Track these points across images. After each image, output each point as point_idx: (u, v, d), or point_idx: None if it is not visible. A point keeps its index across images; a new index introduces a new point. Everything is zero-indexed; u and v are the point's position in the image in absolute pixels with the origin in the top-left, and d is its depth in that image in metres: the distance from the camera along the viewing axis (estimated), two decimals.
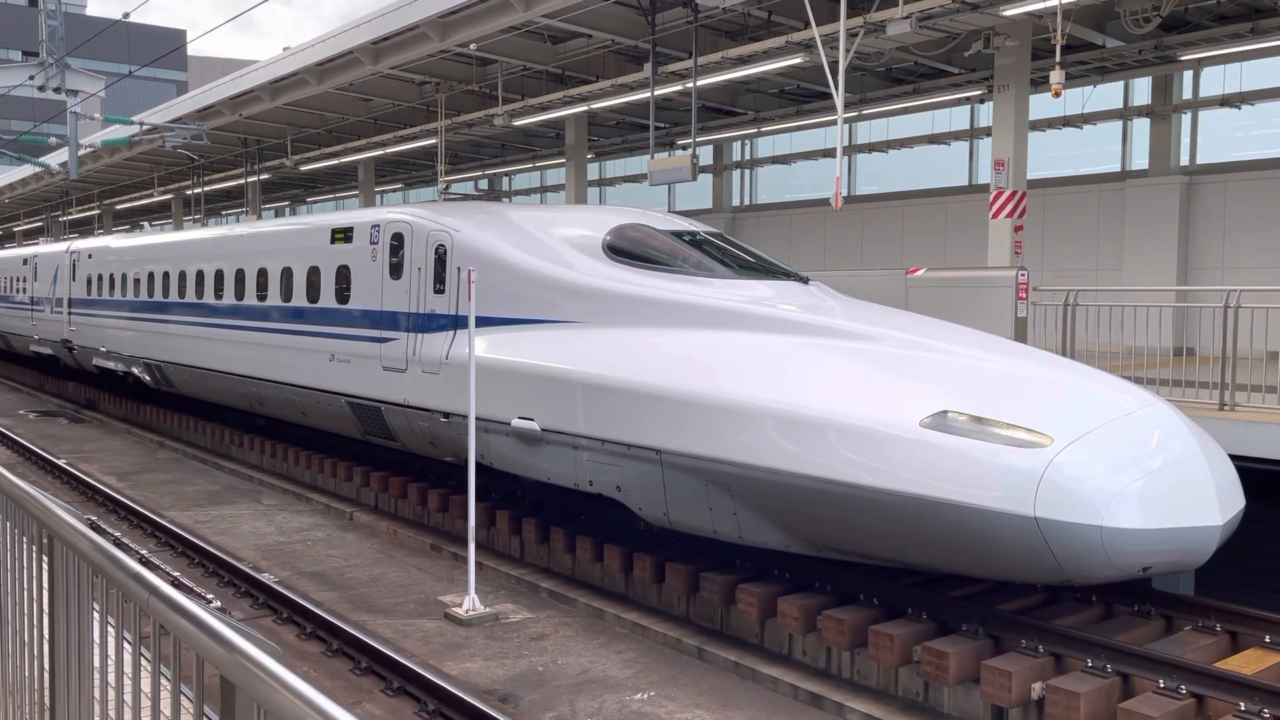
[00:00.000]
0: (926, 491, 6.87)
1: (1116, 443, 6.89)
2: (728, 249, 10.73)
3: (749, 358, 8.36)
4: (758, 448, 7.77)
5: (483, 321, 10.50)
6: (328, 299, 13.48)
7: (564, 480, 9.71)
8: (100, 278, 22.21)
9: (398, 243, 12.11)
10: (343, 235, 13.23)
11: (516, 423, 10.03)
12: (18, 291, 28.94)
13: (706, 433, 8.13)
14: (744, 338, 8.62)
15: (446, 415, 11.15)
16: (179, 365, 18.16)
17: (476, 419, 10.05)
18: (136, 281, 20.22)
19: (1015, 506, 6.57)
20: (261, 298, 15.26)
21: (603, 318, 9.69)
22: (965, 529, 6.78)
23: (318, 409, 13.93)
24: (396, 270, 12.07)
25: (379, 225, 12.51)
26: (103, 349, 21.88)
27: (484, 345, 10.47)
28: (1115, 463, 6.74)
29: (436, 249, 11.50)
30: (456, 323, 11.11)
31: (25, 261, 28.29)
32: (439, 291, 11.42)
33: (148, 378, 19.96)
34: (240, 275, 15.91)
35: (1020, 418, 6.97)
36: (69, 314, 24.06)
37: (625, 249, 10.35)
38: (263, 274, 15.21)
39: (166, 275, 18.77)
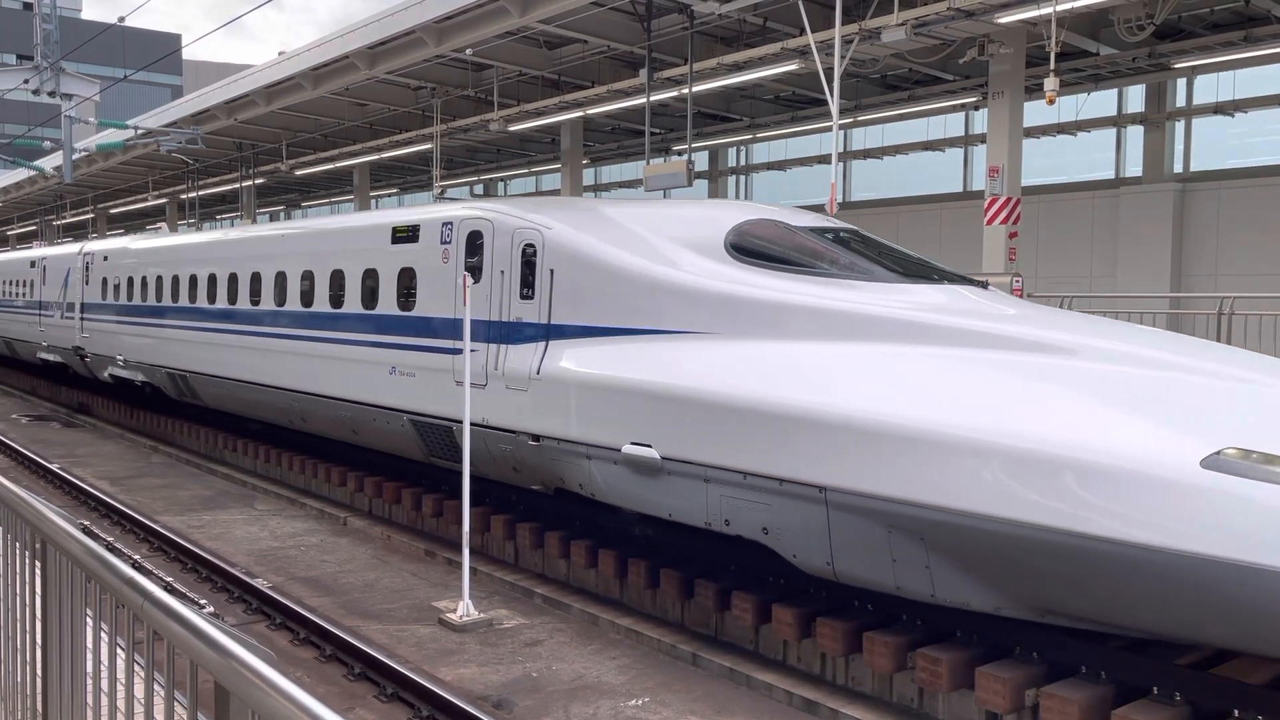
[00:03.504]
0: (1220, 551, 5.56)
1: None
2: (882, 248, 9.35)
3: (944, 378, 7.03)
4: (970, 490, 6.45)
5: (578, 331, 9.57)
6: (388, 305, 12.22)
7: (690, 518, 8.42)
8: (118, 281, 20.76)
9: (475, 242, 10.88)
10: (407, 234, 11.99)
11: (629, 449, 8.71)
12: (24, 295, 27.29)
13: (893, 469, 6.84)
14: (930, 353, 7.29)
15: (537, 438, 9.81)
16: (207, 376, 16.87)
17: (574, 442, 9.25)
18: (159, 285, 18.82)
19: None
20: (306, 303, 13.94)
21: (733, 328, 8.38)
22: (1273, 600, 5.54)
23: (373, 427, 12.65)
24: (474, 273, 10.84)
25: (452, 223, 11.28)
26: (119, 358, 20.48)
27: (579, 358, 9.43)
28: None
29: (523, 249, 10.22)
30: (549, 333, 9.86)
31: (33, 264, 26.69)
32: (526, 297, 10.17)
33: (170, 389, 18.71)
34: (281, 279, 14.63)
35: None
36: (81, 319, 22.59)
37: (755, 249, 8.96)
38: (307, 277, 13.97)
39: (194, 279, 17.44)
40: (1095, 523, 5.94)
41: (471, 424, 10.53)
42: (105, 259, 21.64)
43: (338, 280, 13.27)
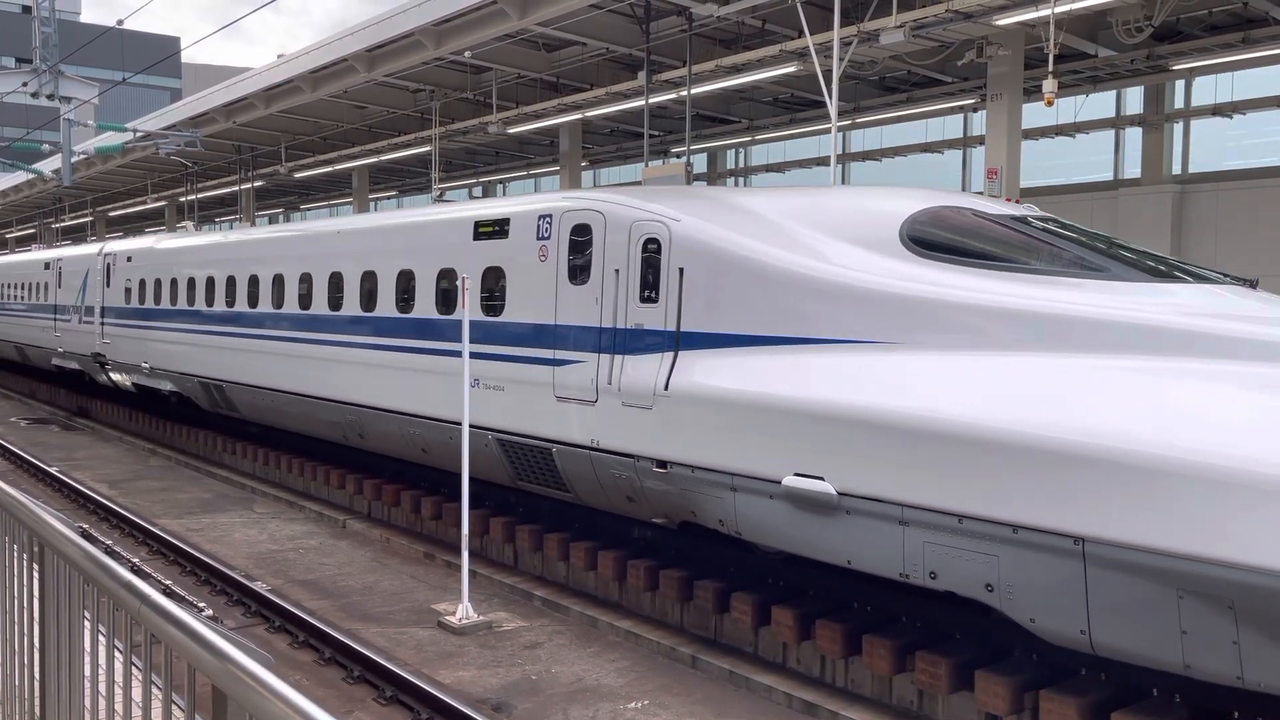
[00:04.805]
0: None
1: None
2: (1106, 240, 7.88)
3: (1247, 401, 5.70)
4: None
5: (717, 340, 8.24)
6: (470, 309, 10.81)
7: (879, 567, 7.08)
8: (143, 284, 19.33)
9: (582, 237, 9.54)
10: (493, 229, 10.73)
11: (793, 482, 7.41)
12: (38, 299, 25.73)
13: (1189, 517, 5.52)
14: (1216, 370, 5.91)
15: (663, 464, 8.52)
16: (246, 386, 15.59)
17: (715, 470, 8.04)
18: (191, 288, 17.38)
19: None
20: (368, 307, 12.66)
21: (925, 338, 7.03)
22: None
23: (448, 446, 11.29)
24: (579, 273, 9.52)
25: (551, 215, 9.95)
26: (145, 365, 19.11)
27: (722, 372, 8.06)
28: None
29: (645, 245, 8.88)
30: (678, 342, 8.49)
31: (48, 265, 25.21)
32: (649, 300, 8.80)
33: (203, 400, 17.48)
34: (336, 280, 13.35)
35: None
36: (101, 324, 21.20)
37: (944, 243, 7.55)
38: (369, 278, 12.67)
39: (232, 281, 16.05)
40: None
41: (576, 445, 9.53)
42: (129, 260, 20.25)
43: (405, 282, 12.05)
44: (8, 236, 60.51)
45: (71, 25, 66.27)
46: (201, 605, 9.75)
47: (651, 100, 18.14)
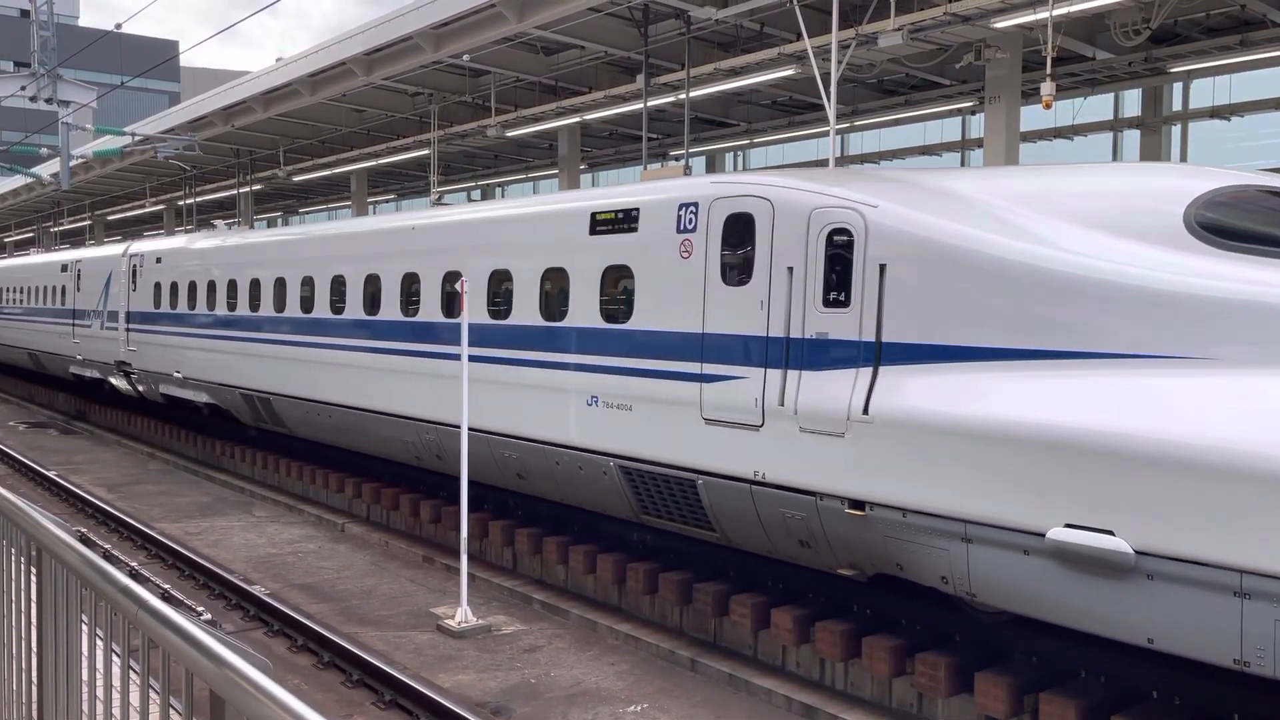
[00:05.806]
0: None
1: None
2: None
3: None
4: None
5: (935, 353, 6.78)
6: (585, 315, 9.51)
7: (1200, 649, 5.56)
8: (175, 287, 18.04)
9: (740, 229, 8.08)
10: (617, 220, 9.31)
11: (1062, 535, 5.96)
12: (54, 304, 24.43)
13: None
14: None
15: (860, 505, 7.12)
16: (298, 400, 14.27)
17: (939, 516, 6.64)
18: (232, 291, 16.13)
19: None
20: (450, 313, 11.37)
21: (1253, 352, 5.53)
22: None
23: (553, 472, 9.97)
24: (736, 272, 8.07)
25: (696, 204, 8.48)
26: (177, 374, 17.83)
27: (950, 393, 6.61)
28: None
29: (829, 237, 7.42)
30: (879, 355, 7.05)
31: (65, 268, 23.92)
32: (836, 304, 7.34)
33: (245, 413, 16.30)
34: (410, 282, 12.05)
35: None
36: (126, 330, 19.93)
37: (1251, 230, 6.06)
38: (452, 280, 11.35)
39: (281, 283, 14.69)
40: None
41: (731, 477, 8.11)
42: (158, 261, 18.85)
43: (500, 283, 10.70)
44: (6, 240, 60.53)
45: (70, 29, 66.28)
46: (200, 609, 9.74)
47: (650, 103, 18.14)
